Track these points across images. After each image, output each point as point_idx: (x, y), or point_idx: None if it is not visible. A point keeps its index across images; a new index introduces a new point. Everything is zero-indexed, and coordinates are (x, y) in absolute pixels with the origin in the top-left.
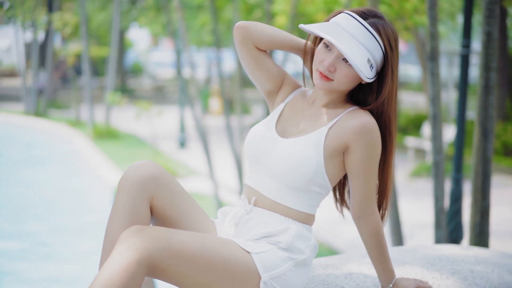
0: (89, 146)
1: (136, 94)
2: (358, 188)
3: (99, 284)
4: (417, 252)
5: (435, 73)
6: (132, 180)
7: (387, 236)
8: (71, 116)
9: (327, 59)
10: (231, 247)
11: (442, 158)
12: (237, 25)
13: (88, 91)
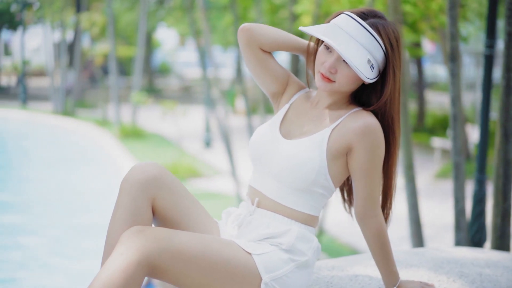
0: (115, 145)
1: (163, 94)
2: (361, 189)
3: (99, 283)
4: (426, 254)
5: (455, 74)
6: (133, 181)
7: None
8: (99, 115)
9: (328, 60)
10: (232, 248)
11: (462, 159)
12: (241, 27)
13: (114, 90)
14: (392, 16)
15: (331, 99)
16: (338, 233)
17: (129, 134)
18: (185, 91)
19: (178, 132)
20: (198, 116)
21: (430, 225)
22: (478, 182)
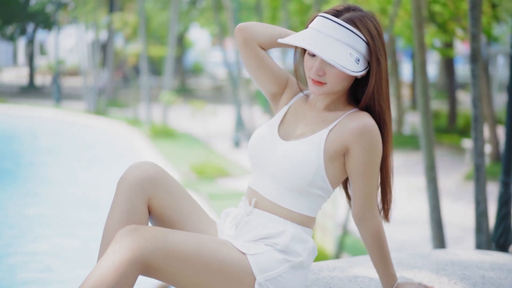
0: (146, 144)
1: (195, 93)
2: (358, 190)
3: (91, 282)
4: (430, 256)
5: (476, 75)
6: (129, 180)
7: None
8: (130, 115)
9: (313, 65)
10: (227, 248)
11: (483, 161)
12: (237, 27)
13: (145, 90)
14: (415, 18)
15: (328, 99)
16: None
17: (160, 134)
18: (216, 91)
19: (207, 132)
20: (228, 115)
21: (457, 227)
22: (504, 184)
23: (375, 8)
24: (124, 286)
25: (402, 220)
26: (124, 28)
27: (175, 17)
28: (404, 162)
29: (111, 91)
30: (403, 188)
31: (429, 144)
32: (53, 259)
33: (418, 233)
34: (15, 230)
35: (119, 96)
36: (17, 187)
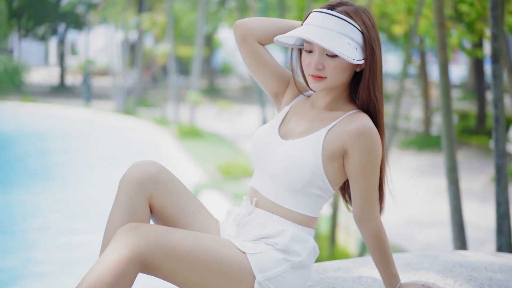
0: (173, 144)
1: (223, 93)
2: (357, 192)
3: (90, 279)
4: (439, 257)
5: (497, 75)
6: (131, 179)
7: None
8: (159, 114)
9: (312, 60)
10: (227, 247)
11: (505, 162)
12: (235, 24)
13: (173, 90)
14: (437, 18)
15: (329, 97)
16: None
17: (187, 133)
18: (245, 91)
19: (234, 132)
20: (255, 115)
21: (483, 229)
22: None
23: (402, 7)
24: (123, 284)
25: (427, 221)
26: (153, 28)
27: (202, 17)
28: (431, 163)
29: (140, 91)
30: (430, 189)
31: (450, 145)
32: (82, 255)
33: (443, 234)
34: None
35: (148, 96)
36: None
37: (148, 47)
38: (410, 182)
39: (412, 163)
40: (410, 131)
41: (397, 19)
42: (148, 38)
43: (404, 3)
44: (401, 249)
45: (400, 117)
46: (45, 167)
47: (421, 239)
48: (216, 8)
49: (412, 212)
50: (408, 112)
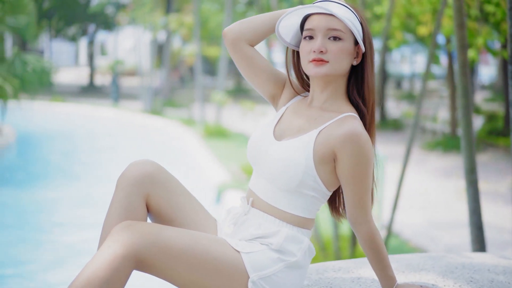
0: (199, 144)
1: (251, 94)
2: (349, 196)
3: (84, 275)
4: (443, 259)
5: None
6: (128, 177)
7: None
8: (186, 114)
9: (314, 44)
10: (221, 246)
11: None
12: (223, 32)
13: (199, 90)
14: (456, 18)
15: (325, 95)
16: (411, 236)
17: (213, 133)
18: None
19: None
20: None
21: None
22: None
23: (427, 8)
24: (117, 280)
25: (451, 223)
26: (180, 29)
27: (229, 18)
28: (457, 164)
29: (167, 91)
30: (454, 191)
31: (469, 147)
32: None
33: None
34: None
35: (175, 96)
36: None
37: (176, 47)
38: (435, 184)
39: (438, 164)
40: (437, 132)
41: (423, 20)
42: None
43: (429, 4)
44: (422, 251)
45: (427, 118)
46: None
47: (445, 241)
48: (244, 9)
49: (436, 214)
50: (436, 113)
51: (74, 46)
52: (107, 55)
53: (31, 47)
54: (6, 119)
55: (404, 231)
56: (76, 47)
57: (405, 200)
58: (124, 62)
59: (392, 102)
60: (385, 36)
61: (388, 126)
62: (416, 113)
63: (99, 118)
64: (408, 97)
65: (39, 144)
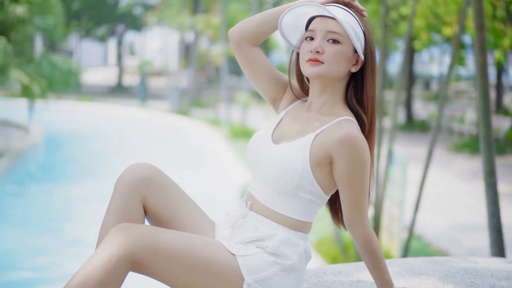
0: (223, 144)
1: None
2: (345, 199)
3: (80, 276)
4: (446, 263)
5: None
6: (125, 180)
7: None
8: (212, 115)
9: (313, 45)
10: (217, 248)
11: None
12: (228, 33)
13: (225, 91)
14: (476, 20)
15: (323, 98)
16: (433, 238)
17: (238, 134)
18: None
19: None
20: None
21: None
22: None
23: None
24: (112, 282)
25: (475, 226)
26: (207, 29)
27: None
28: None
29: (194, 92)
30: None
31: (488, 149)
32: None
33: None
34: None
35: (202, 97)
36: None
37: (204, 48)
38: (460, 186)
39: (464, 166)
40: (464, 134)
41: (448, 21)
42: (203, 39)
43: (454, 5)
44: (444, 254)
45: (454, 120)
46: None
47: (467, 244)
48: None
49: (461, 216)
50: (463, 114)
51: (103, 47)
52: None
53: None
54: (35, 118)
55: (427, 234)
56: (105, 48)
57: (430, 202)
58: (152, 63)
59: (420, 103)
60: (408, 37)
61: (415, 128)
62: (438, 115)
63: (126, 118)
64: (436, 98)
65: (67, 144)
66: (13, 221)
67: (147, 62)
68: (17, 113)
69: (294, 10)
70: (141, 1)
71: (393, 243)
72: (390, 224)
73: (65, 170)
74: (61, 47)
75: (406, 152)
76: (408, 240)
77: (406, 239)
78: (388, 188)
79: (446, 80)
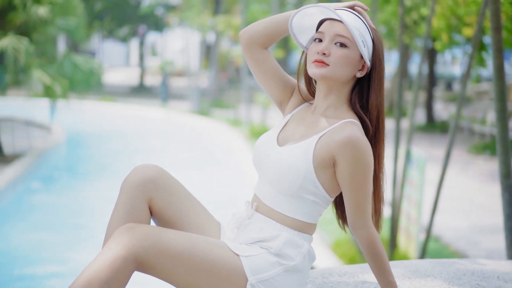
0: (243, 144)
1: None
2: (348, 201)
3: (85, 276)
4: (453, 265)
5: None
6: (132, 181)
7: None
8: (232, 115)
9: (320, 46)
10: (220, 249)
11: None
12: (239, 34)
13: (245, 91)
14: (493, 21)
15: (328, 102)
16: (452, 240)
17: (258, 134)
18: None
19: None
20: None
21: None
22: None
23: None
24: (117, 281)
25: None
26: (228, 30)
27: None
28: None
29: (215, 92)
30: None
31: (505, 151)
32: None
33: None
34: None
35: (223, 97)
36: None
37: (225, 49)
38: (481, 188)
39: (485, 167)
40: (486, 135)
41: (468, 21)
42: (225, 40)
43: (474, 5)
44: (462, 255)
45: (476, 121)
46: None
47: (486, 246)
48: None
49: (480, 218)
50: (484, 115)
51: (125, 47)
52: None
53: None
54: (56, 118)
55: (445, 235)
56: (127, 48)
57: (449, 204)
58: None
59: (441, 104)
60: (426, 38)
61: (436, 129)
62: (455, 115)
63: (147, 118)
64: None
65: (88, 143)
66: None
67: (168, 62)
68: (39, 113)
69: (304, 11)
70: (163, 1)
71: (411, 244)
72: (408, 225)
73: (87, 170)
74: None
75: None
76: (425, 241)
77: (424, 240)
78: (406, 189)
79: (464, 81)
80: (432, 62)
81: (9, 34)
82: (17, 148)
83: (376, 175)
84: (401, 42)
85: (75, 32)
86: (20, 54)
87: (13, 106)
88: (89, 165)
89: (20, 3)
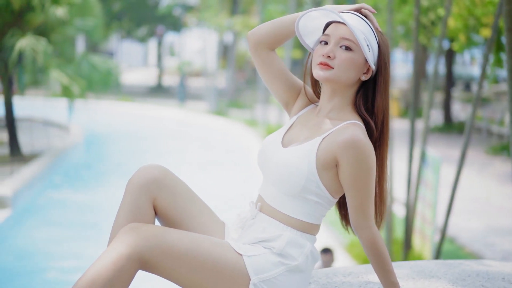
0: (258, 145)
1: None
2: (351, 201)
3: (89, 275)
4: (459, 266)
5: None
6: (136, 182)
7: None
8: (249, 116)
9: (325, 49)
10: (223, 249)
11: None
12: (248, 34)
13: (262, 91)
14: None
15: (332, 103)
16: (467, 241)
17: None
18: None
19: None
20: None
21: None
22: None
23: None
24: (120, 280)
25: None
26: (245, 30)
27: None
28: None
29: (232, 92)
30: None
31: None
32: None
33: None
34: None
35: (241, 97)
36: None
37: (242, 49)
38: (498, 189)
39: (503, 169)
40: (504, 136)
41: (485, 22)
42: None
43: (492, 6)
44: (477, 257)
45: (494, 122)
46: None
47: (502, 247)
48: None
49: (497, 220)
50: (503, 116)
51: (143, 47)
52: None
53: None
54: (74, 118)
55: (461, 236)
56: (145, 48)
57: (465, 205)
58: (191, 63)
59: (459, 105)
60: (441, 38)
61: (453, 129)
62: (471, 116)
63: (164, 118)
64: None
65: (106, 143)
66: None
67: (186, 62)
68: (57, 113)
69: (310, 13)
70: (181, 2)
71: (426, 245)
72: (423, 226)
73: (104, 169)
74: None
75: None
76: (440, 242)
77: (439, 241)
78: (421, 190)
79: (480, 82)
80: (450, 62)
81: (28, 34)
82: (35, 147)
83: (379, 177)
84: (416, 43)
85: (93, 32)
86: (38, 54)
87: (31, 106)
88: (107, 164)
89: (39, 4)
